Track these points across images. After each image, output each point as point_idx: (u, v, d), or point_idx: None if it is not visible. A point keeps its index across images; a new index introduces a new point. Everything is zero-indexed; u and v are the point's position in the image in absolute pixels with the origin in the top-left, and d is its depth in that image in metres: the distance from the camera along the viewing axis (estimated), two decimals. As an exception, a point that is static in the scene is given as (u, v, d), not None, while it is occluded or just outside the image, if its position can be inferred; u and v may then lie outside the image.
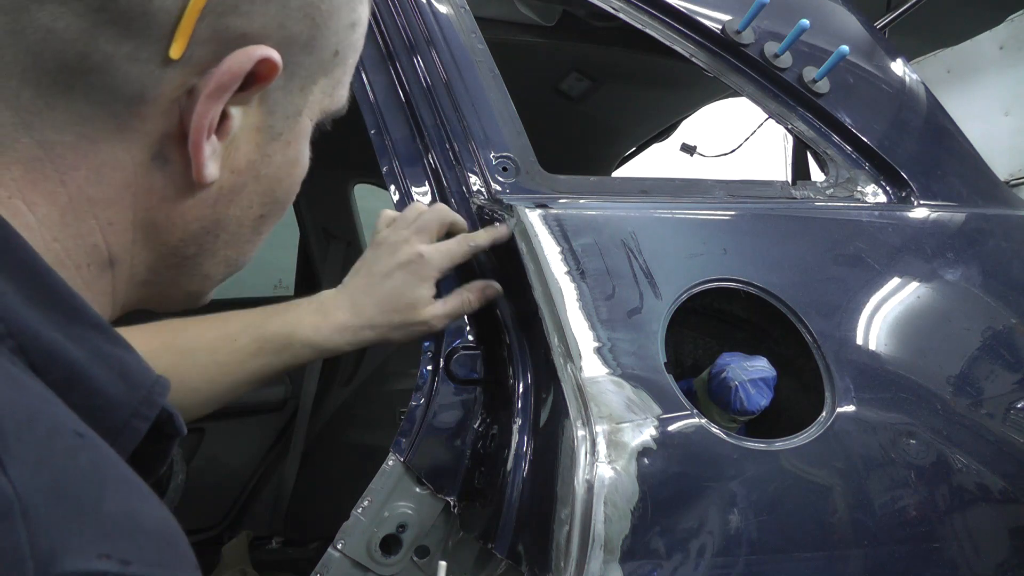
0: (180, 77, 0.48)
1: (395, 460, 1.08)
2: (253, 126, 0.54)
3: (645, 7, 1.34)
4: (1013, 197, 1.40)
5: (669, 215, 1.15)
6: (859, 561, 0.99)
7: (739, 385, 1.03)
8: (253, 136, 0.54)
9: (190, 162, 0.50)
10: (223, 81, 0.48)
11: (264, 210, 0.59)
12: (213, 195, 0.54)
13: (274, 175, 0.58)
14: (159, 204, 0.52)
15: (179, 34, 0.46)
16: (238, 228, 0.58)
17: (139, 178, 0.50)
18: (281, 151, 0.57)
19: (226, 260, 0.60)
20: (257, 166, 0.56)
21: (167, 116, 0.49)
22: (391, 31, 1.22)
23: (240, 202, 0.56)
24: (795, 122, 1.33)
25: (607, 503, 0.88)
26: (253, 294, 3.66)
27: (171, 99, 0.48)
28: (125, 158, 0.49)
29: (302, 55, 0.53)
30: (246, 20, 0.48)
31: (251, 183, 0.56)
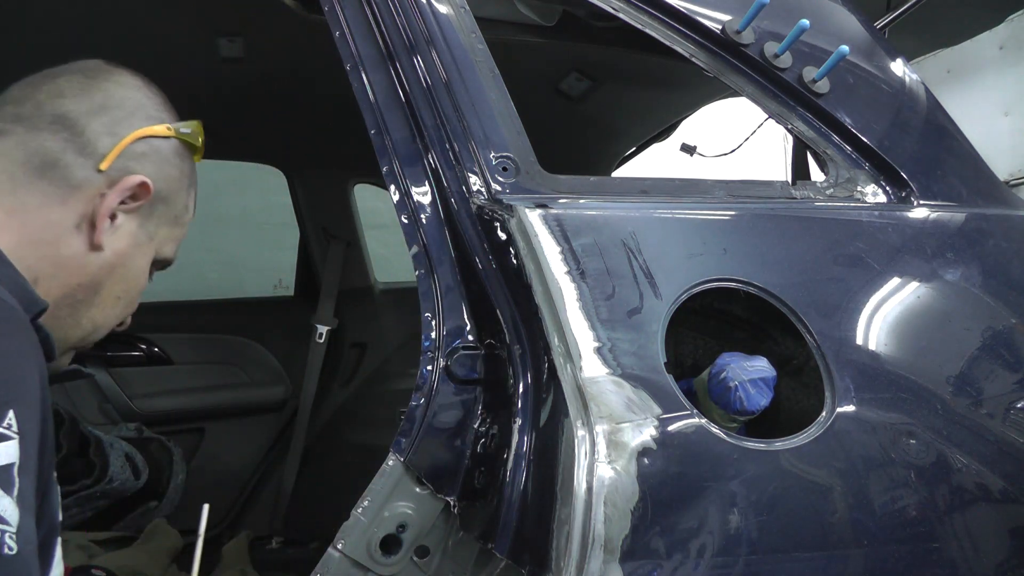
0: (101, 183, 0.88)
1: (395, 460, 1.08)
2: (130, 230, 0.91)
3: (645, 7, 1.34)
4: (1013, 197, 1.40)
5: (669, 215, 1.15)
6: (859, 561, 0.99)
7: (739, 385, 1.03)
8: (128, 236, 0.91)
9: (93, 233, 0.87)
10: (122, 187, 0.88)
11: (122, 295, 0.93)
12: (99, 261, 0.89)
13: (133, 273, 0.93)
14: (70, 253, 0.87)
15: (108, 158, 0.89)
16: (106, 298, 0.91)
17: (64, 234, 0.86)
18: (140, 258, 0.93)
19: (92, 321, 0.91)
20: (127, 258, 0.91)
21: (89, 203, 0.87)
22: (391, 31, 1.22)
23: (113, 278, 0.91)
24: (795, 122, 1.33)
25: (607, 503, 0.88)
26: (253, 294, 3.67)
27: (93, 194, 0.88)
28: (60, 220, 0.86)
29: (160, 204, 0.94)
30: (140, 166, 0.91)
31: (120, 269, 0.91)
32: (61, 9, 1.79)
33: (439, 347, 1.11)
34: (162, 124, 0.94)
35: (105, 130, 0.89)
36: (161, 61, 1.97)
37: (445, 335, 1.12)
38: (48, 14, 1.80)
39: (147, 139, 0.92)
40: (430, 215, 1.16)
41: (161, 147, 0.94)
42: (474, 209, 1.13)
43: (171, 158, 0.95)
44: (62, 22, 1.83)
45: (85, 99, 0.90)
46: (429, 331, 1.12)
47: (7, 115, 0.88)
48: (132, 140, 0.90)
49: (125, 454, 2.11)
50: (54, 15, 1.80)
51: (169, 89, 1.07)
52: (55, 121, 0.87)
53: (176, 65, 2.01)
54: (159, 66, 2.06)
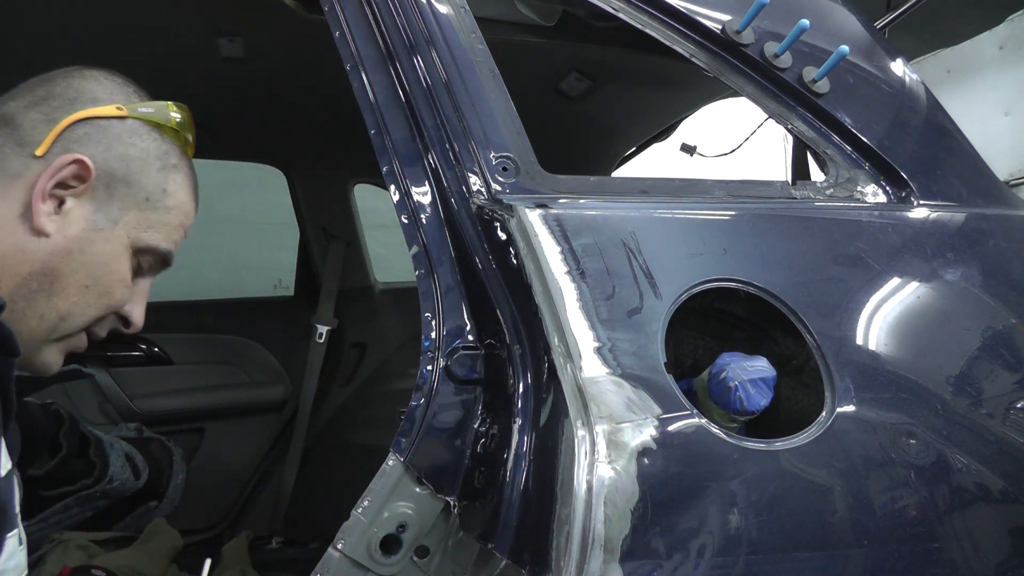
0: (39, 169, 0.87)
1: (395, 460, 1.08)
2: (83, 214, 0.89)
3: (645, 7, 1.34)
4: (1013, 197, 1.40)
5: (669, 215, 1.15)
6: (859, 561, 0.99)
7: (739, 385, 1.03)
8: (82, 220, 0.89)
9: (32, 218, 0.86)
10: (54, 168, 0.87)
11: (90, 283, 0.90)
12: (50, 246, 0.87)
13: (98, 259, 0.90)
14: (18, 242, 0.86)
15: (44, 143, 0.88)
16: (68, 287, 0.88)
17: (10, 224, 0.86)
18: (102, 243, 0.90)
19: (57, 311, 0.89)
20: (83, 243, 0.89)
21: (30, 191, 0.87)
22: (391, 31, 1.22)
23: (72, 265, 0.88)
24: (795, 122, 1.33)
25: (607, 503, 0.88)
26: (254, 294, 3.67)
27: (31, 181, 0.87)
28: (4, 212, 0.86)
29: (120, 185, 0.91)
30: (82, 148, 0.89)
31: (78, 255, 0.88)
32: (61, 9, 1.79)
33: (439, 347, 1.11)
34: (112, 105, 0.92)
35: (42, 118, 0.89)
36: (161, 61, 1.97)
37: (445, 335, 1.12)
38: (48, 14, 1.80)
39: (91, 120, 0.90)
40: (430, 215, 1.16)
41: (111, 127, 0.91)
42: (474, 209, 1.13)
43: (124, 137, 0.92)
44: (62, 22, 1.83)
45: (28, 96, 0.90)
46: (429, 331, 1.12)
47: None
48: (70, 123, 0.89)
49: (125, 454, 2.11)
50: (54, 15, 1.80)
51: (169, 89, 1.07)
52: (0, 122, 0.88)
53: (176, 65, 2.01)
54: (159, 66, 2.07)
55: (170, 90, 1.07)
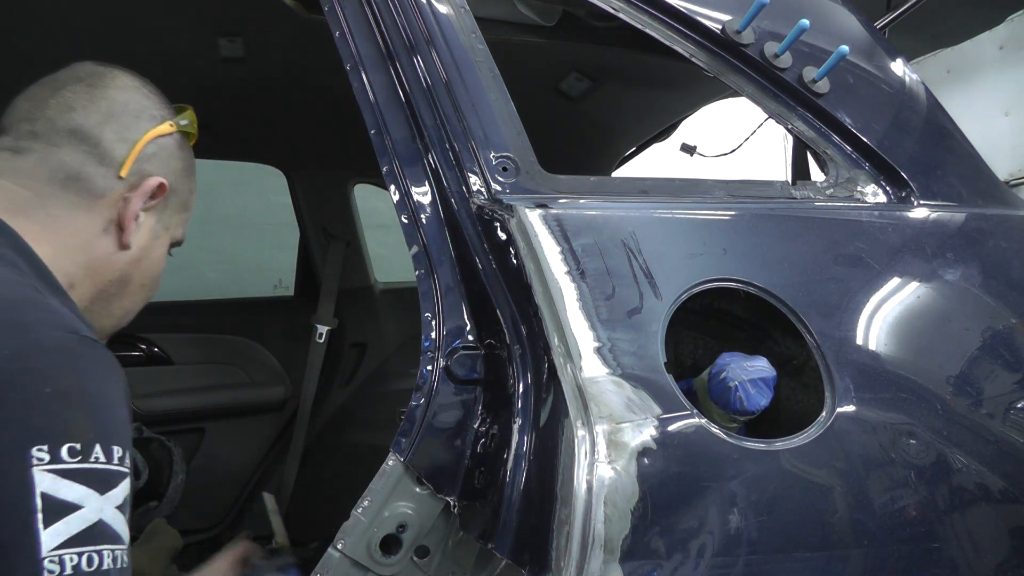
0: (122, 188, 0.97)
1: (395, 460, 1.08)
2: (149, 225, 1.01)
3: (645, 7, 1.34)
4: (1013, 197, 1.40)
5: (669, 215, 1.15)
6: (859, 561, 0.99)
7: (739, 385, 1.03)
8: (148, 231, 1.01)
9: (121, 235, 0.97)
10: (143, 191, 0.98)
11: (147, 282, 1.03)
12: (128, 257, 0.99)
13: (154, 262, 1.03)
14: (100, 255, 0.96)
15: (126, 165, 0.97)
16: (135, 289, 1.02)
17: (93, 239, 0.95)
18: (159, 248, 1.04)
19: (123, 309, 1.02)
20: (148, 250, 1.01)
21: (113, 208, 0.96)
22: (391, 31, 1.22)
23: (139, 270, 1.01)
24: (795, 122, 1.33)
25: (607, 503, 0.88)
26: (254, 294, 3.67)
27: (115, 199, 0.96)
28: (88, 226, 0.95)
29: (172, 195, 1.03)
30: (153, 167, 0.99)
31: (144, 261, 1.01)
32: (61, 9, 1.79)
33: (439, 347, 1.11)
34: (165, 122, 1.02)
35: (117, 137, 0.96)
36: (161, 61, 1.97)
37: (445, 335, 1.12)
38: (49, 15, 1.80)
39: (156, 139, 1.00)
40: (430, 215, 1.17)
41: (167, 144, 1.02)
42: (474, 209, 1.13)
43: (176, 152, 1.04)
44: (63, 22, 1.83)
45: (93, 110, 0.96)
46: (429, 331, 1.12)
47: (23, 133, 0.94)
48: (144, 143, 0.98)
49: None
50: (55, 16, 1.80)
51: (169, 89, 1.07)
52: (71, 135, 0.94)
53: (176, 65, 2.01)
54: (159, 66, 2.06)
55: (170, 90, 1.07)
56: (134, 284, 1.01)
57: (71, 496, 0.69)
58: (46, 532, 0.67)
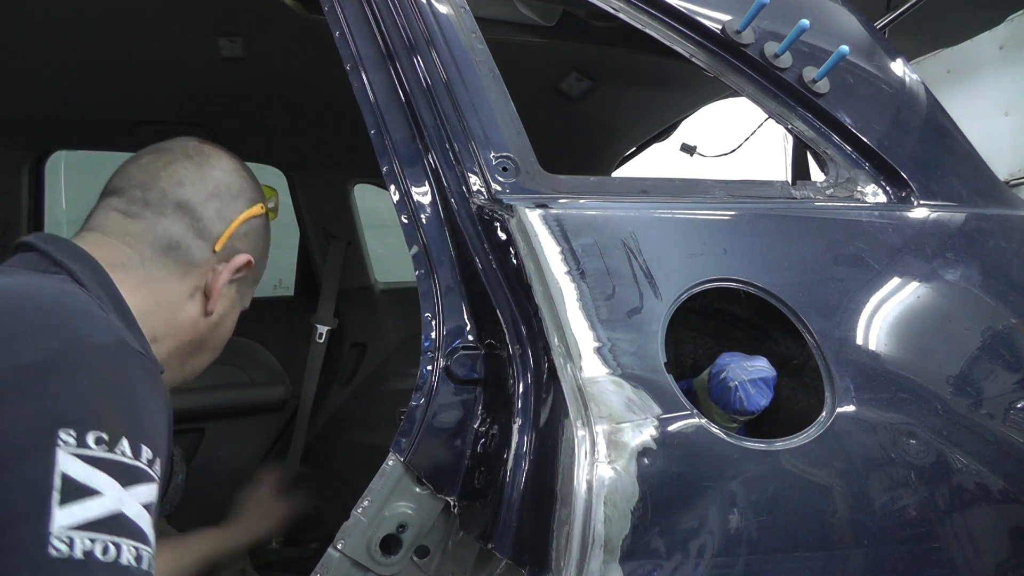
0: (214, 261, 1.07)
1: (395, 460, 1.08)
2: (231, 296, 1.11)
3: (645, 7, 1.34)
4: (1013, 197, 1.40)
5: (669, 215, 1.15)
6: (859, 561, 0.99)
7: (739, 385, 1.03)
8: (229, 301, 1.11)
9: (206, 302, 1.07)
10: (233, 266, 1.08)
11: (218, 344, 1.14)
12: (208, 323, 1.09)
13: (227, 327, 1.14)
14: (186, 317, 1.06)
15: (220, 240, 1.07)
16: (207, 351, 1.12)
17: (181, 302, 1.05)
18: (233, 316, 1.14)
19: (192, 367, 1.12)
20: (226, 318, 1.12)
21: (203, 277, 1.06)
22: (391, 31, 1.22)
23: (214, 333, 1.11)
24: (795, 122, 1.33)
25: (607, 503, 0.88)
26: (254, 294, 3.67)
27: (206, 270, 1.06)
28: (179, 291, 1.04)
29: (253, 271, 1.13)
30: (242, 245, 1.10)
31: (220, 326, 1.12)
32: (62, 10, 1.79)
33: (439, 347, 1.11)
34: (257, 204, 1.13)
35: (217, 215, 1.07)
36: (161, 61, 1.97)
37: (445, 335, 1.12)
38: (49, 15, 1.80)
39: (248, 220, 1.11)
40: (430, 215, 1.17)
41: (257, 224, 1.13)
42: (474, 209, 1.13)
43: (262, 232, 1.15)
44: (63, 23, 1.83)
45: (201, 187, 1.06)
46: (429, 331, 1.12)
47: (135, 199, 1.03)
48: (240, 222, 1.09)
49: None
50: (55, 15, 1.80)
51: (169, 89, 1.07)
52: (178, 208, 1.04)
53: (176, 65, 2.01)
54: (159, 66, 2.07)
55: (170, 90, 1.07)
56: (208, 346, 1.11)
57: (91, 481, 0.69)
58: (61, 510, 0.67)
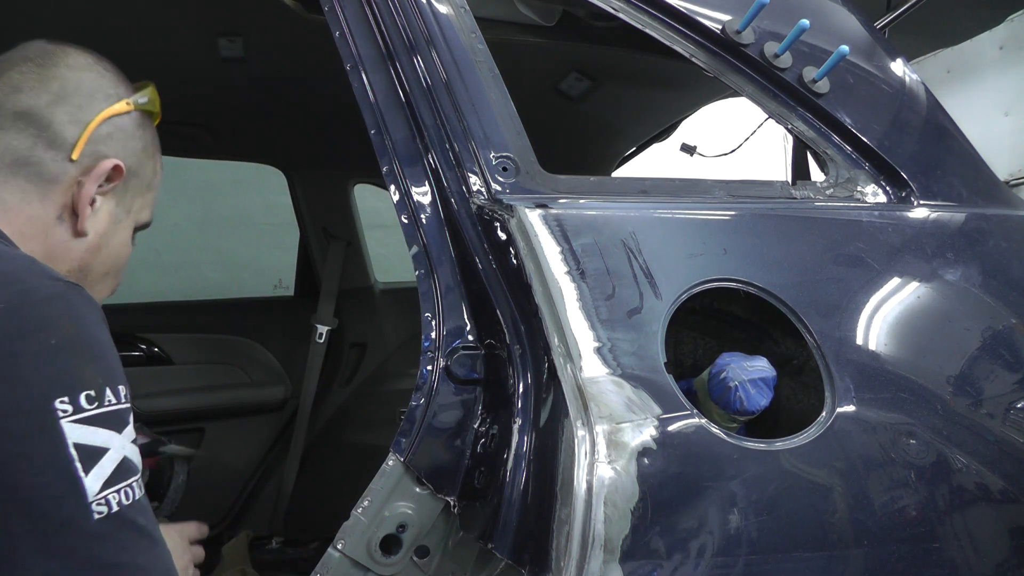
0: (75, 172, 0.91)
1: (395, 460, 1.08)
2: (108, 210, 0.96)
3: (645, 7, 1.34)
4: (1013, 197, 1.40)
5: (669, 215, 1.15)
6: (859, 561, 0.99)
7: (739, 385, 1.03)
8: (107, 216, 0.96)
9: (76, 221, 0.92)
10: (97, 174, 0.92)
11: (110, 270, 0.99)
12: (84, 245, 0.94)
13: (116, 248, 0.98)
14: (57, 243, 0.92)
15: (77, 147, 0.91)
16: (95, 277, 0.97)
17: (48, 227, 0.91)
18: (120, 232, 0.98)
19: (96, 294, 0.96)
20: (108, 236, 0.96)
21: (67, 193, 0.91)
22: (391, 31, 1.22)
23: (99, 257, 0.96)
24: (795, 122, 1.33)
25: (607, 503, 0.88)
26: (254, 294, 3.67)
27: (69, 184, 0.91)
28: (42, 214, 0.90)
29: (132, 177, 0.97)
30: (108, 148, 0.94)
31: (104, 248, 0.96)
32: (61, 9, 1.79)
33: (439, 347, 1.11)
34: (120, 101, 0.96)
35: (69, 119, 0.91)
36: (161, 61, 1.97)
37: (445, 335, 1.12)
38: (48, 15, 1.80)
39: (110, 119, 0.94)
40: (430, 215, 1.17)
41: (124, 123, 0.96)
42: (474, 209, 1.13)
43: (134, 132, 0.98)
44: (62, 23, 1.83)
45: (43, 91, 0.91)
46: (429, 331, 1.12)
47: None
48: (97, 124, 0.93)
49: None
50: (54, 16, 1.80)
51: (169, 89, 1.07)
52: (19, 118, 0.89)
53: (176, 65, 2.01)
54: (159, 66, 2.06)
55: (170, 90, 1.07)
56: (95, 273, 0.96)
57: (98, 441, 0.73)
58: (88, 478, 0.71)
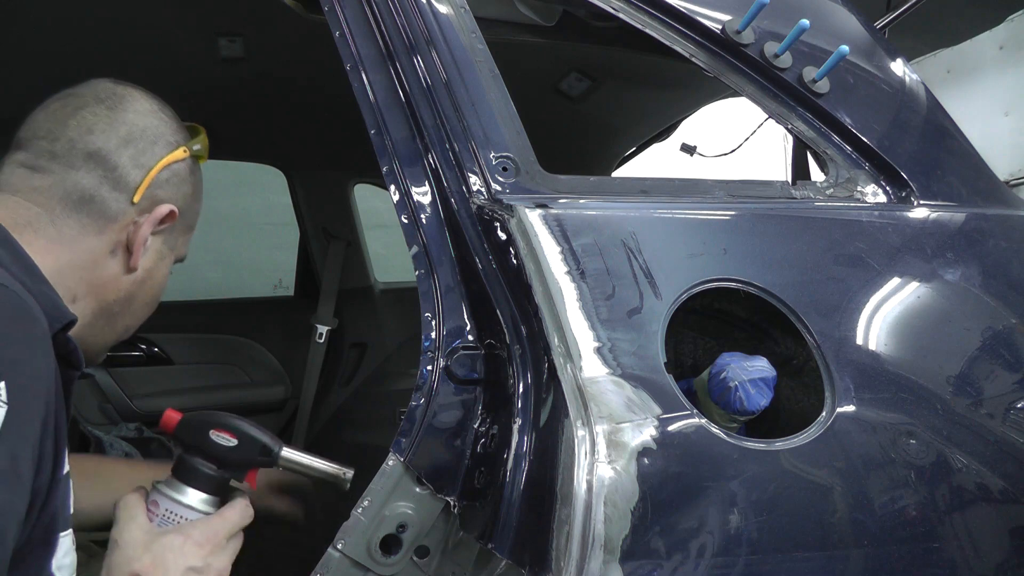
0: (133, 213, 0.98)
1: (395, 460, 1.08)
2: (156, 248, 1.03)
3: (645, 7, 1.33)
4: (1013, 197, 1.40)
5: (669, 215, 1.15)
6: (859, 561, 0.99)
7: (739, 385, 1.03)
8: (155, 253, 1.03)
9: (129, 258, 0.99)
10: (154, 218, 0.99)
11: (150, 300, 1.05)
12: (133, 279, 1.00)
13: (158, 281, 1.05)
14: (107, 275, 0.98)
15: (139, 191, 0.98)
16: (138, 307, 1.04)
17: (100, 260, 0.97)
18: (163, 268, 1.05)
19: (126, 327, 1.04)
20: (153, 271, 1.03)
21: (122, 232, 0.98)
22: (391, 31, 1.22)
23: (143, 289, 1.03)
24: (795, 122, 1.33)
25: (607, 503, 0.88)
26: (254, 294, 3.68)
27: (126, 224, 0.98)
28: (97, 248, 0.96)
29: (181, 218, 1.04)
30: (164, 194, 1.01)
31: (148, 280, 1.03)
32: (61, 10, 1.79)
33: (439, 347, 1.11)
34: (179, 148, 1.03)
35: (133, 163, 0.98)
36: (161, 61, 1.98)
37: (445, 335, 1.12)
38: (49, 15, 1.80)
39: (169, 166, 1.01)
40: (430, 215, 1.17)
41: (179, 169, 1.04)
42: (474, 209, 1.13)
43: (187, 177, 1.05)
44: (62, 23, 1.83)
45: (112, 134, 0.97)
46: (429, 331, 1.12)
47: (42, 151, 0.94)
48: (159, 170, 1.00)
49: (125, 454, 2.12)
50: (54, 16, 1.80)
51: (169, 89, 1.07)
52: (88, 158, 0.95)
53: (176, 65, 2.01)
54: (159, 66, 2.07)
55: (170, 90, 1.07)
56: (138, 303, 1.03)
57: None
58: None
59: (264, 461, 1.04)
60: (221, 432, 1.02)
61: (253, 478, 1.05)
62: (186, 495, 0.97)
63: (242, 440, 1.02)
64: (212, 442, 1.01)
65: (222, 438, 1.01)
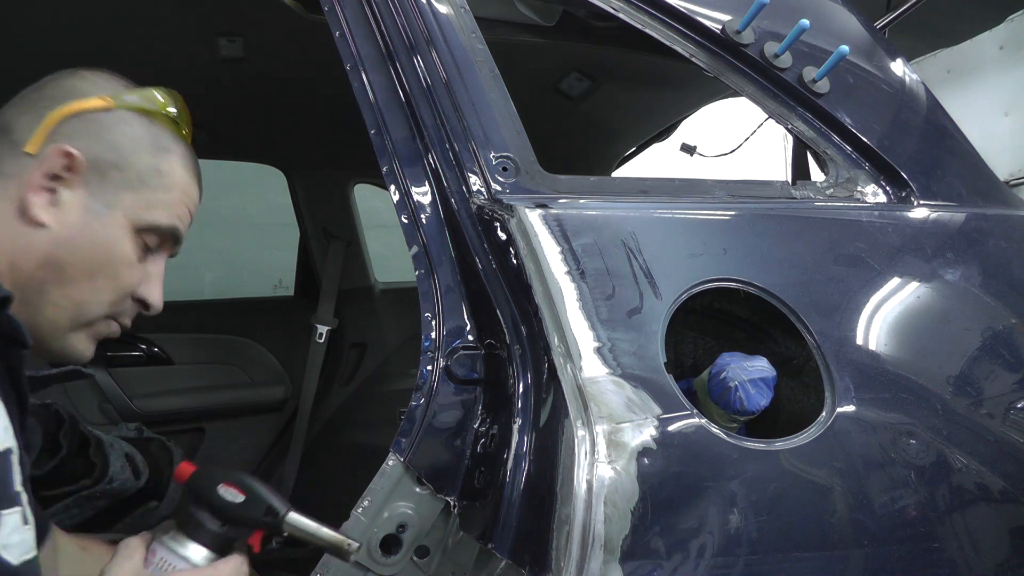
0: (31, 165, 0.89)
1: (395, 460, 1.08)
2: (79, 203, 0.90)
3: (645, 7, 1.34)
4: (1013, 197, 1.40)
5: (669, 215, 1.15)
6: (859, 561, 0.99)
7: (739, 385, 1.03)
8: (79, 208, 0.90)
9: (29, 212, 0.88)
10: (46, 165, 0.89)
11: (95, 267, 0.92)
12: (51, 236, 0.89)
13: (99, 243, 0.91)
14: (19, 237, 0.88)
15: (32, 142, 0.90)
16: (76, 274, 0.90)
17: (9, 222, 0.88)
18: (101, 227, 0.91)
19: (70, 299, 0.91)
20: (82, 230, 0.90)
21: (24, 187, 0.89)
22: (391, 31, 1.22)
23: (76, 252, 0.90)
24: (795, 122, 1.33)
25: (607, 503, 0.88)
26: (254, 294, 3.67)
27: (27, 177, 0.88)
28: (3, 211, 0.88)
29: (112, 170, 0.92)
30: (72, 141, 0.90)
31: (76, 240, 0.90)
32: (61, 10, 1.79)
33: (439, 347, 1.11)
34: (93, 97, 0.94)
35: (31, 118, 0.91)
36: (161, 61, 1.97)
37: (445, 335, 1.12)
38: (48, 15, 1.80)
39: (80, 115, 0.92)
40: (430, 215, 1.17)
41: (98, 118, 0.93)
42: (474, 209, 1.13)
43: (113, 126, 0.94)
44: (62, 23, 1.83)
45: (20, 103, 0.93)
46: (429, 331, 1.12)
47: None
48: (59, 119, 0.91)
49: (125, 454, 2.11)
50: (54, 16, 1.80)
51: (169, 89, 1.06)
52: None
53: (176, 65, 2.01)
54: (159, 66, 2.06)
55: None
56: (75, 269, 0.90)
57: None
58: None
59: (269, 523, 1.00)
60: (230, 487, 0.99)
61: (258, 540, 1.02)
62: (186, 548, 0.96)
63: (249, 497, 0.99)
64: (219, 496, 0.98)
65: (230, 492, 0.98)
